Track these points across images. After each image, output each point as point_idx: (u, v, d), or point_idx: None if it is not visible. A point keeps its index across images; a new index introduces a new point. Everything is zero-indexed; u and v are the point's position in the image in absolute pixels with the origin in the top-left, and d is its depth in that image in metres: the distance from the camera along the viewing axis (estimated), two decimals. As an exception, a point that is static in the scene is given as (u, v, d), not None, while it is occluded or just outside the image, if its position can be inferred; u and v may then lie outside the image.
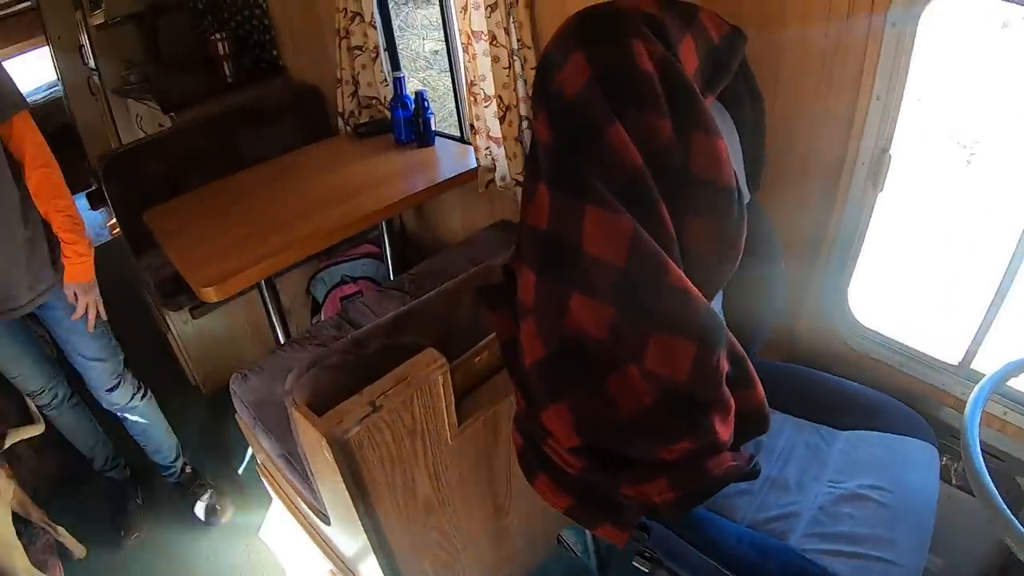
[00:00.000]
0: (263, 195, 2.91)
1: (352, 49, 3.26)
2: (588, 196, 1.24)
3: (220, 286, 2.30)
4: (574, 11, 1.30)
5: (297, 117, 3.92)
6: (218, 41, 4.39)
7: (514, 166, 2.58)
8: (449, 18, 2.92)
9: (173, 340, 3.51)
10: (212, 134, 3.73)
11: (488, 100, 2.59)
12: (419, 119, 3.03)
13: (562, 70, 1.29)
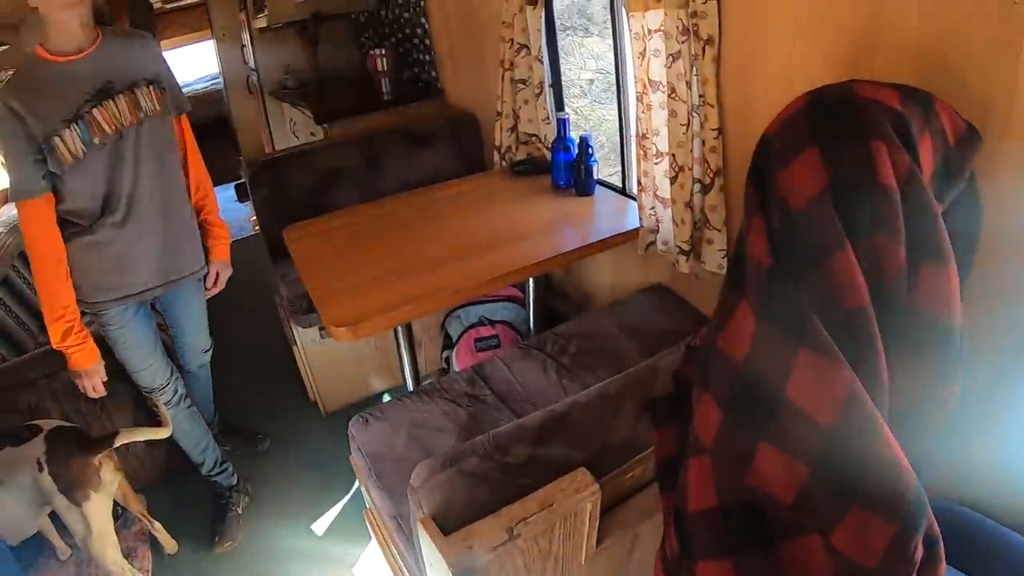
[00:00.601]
0: (408, 228, 2.84)
1: (515, 82, 3.17)
2: (803, 337, 1.07)
3: (353, 328, 2.21)
4: (773, 74, 1.12)
5: (451, 143, 3.89)
6: (378, 56, 4.42)
7: (680, 233, 2.40)
8: (623, 62, 2.78)
9: (298, 354, 3.52)
10: (363, 151, 3.75)
11: (660, 157, 2.42)
12: (581, 165, 2.89)
13: (788, 169, 1.12)
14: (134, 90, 2.28)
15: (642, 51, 2.32)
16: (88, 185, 2.27)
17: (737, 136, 2.21)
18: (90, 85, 2.19)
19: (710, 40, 2.11)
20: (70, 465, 2.39)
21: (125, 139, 2.27)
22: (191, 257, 2.65)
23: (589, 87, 4.00)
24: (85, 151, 2.19)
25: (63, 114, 2.15)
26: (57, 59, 2.16)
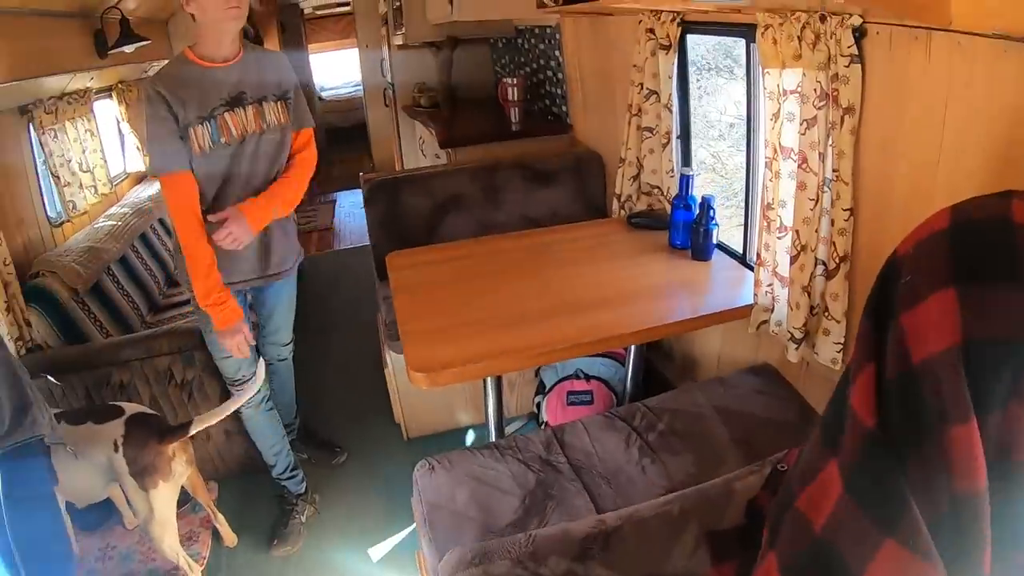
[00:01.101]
0: (514, 272, 2.80)
1: (642, 129, 3.06)
2: (895, 528, 0.90)
3: (433, 375, 2.15)
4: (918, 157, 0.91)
5: (573, 183, 3.83)
6: (509, 86, 4.41)
7: (794, 317, 2.22)
8: (755, 120, 2.62)
9: (389, 375, 3.50)
10: (483, 181, 3.75)
11: (783, 231, 2.25)
12: (700, 228, 2.74)
13: (915, 311, 0.92)
14: (262, 103, 2.59)
15: (775, 112, 2.18)
16: (207, 178, 2.55)
17: (870, 221, 2.03)
18: (226, 92, 2.50)
19: (850, 109, 1.94)
20: (145, 451, 2.54)
21: (246, 143, 2.56)
22: (288, 254, 2.92)
23: (729, 131, 3.84)
24: (211, 147, 2.48)
25: (199, 112, 2.44)
26: (202, 63, 2.48)
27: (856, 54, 1.88)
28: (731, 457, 2.18)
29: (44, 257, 3.81)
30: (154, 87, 2.41)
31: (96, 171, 4.64)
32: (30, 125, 3.95)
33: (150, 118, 2.44)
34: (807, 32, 1.97)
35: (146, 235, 4.72)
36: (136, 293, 4.28)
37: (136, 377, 3.14)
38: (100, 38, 4.23)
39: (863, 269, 2.08)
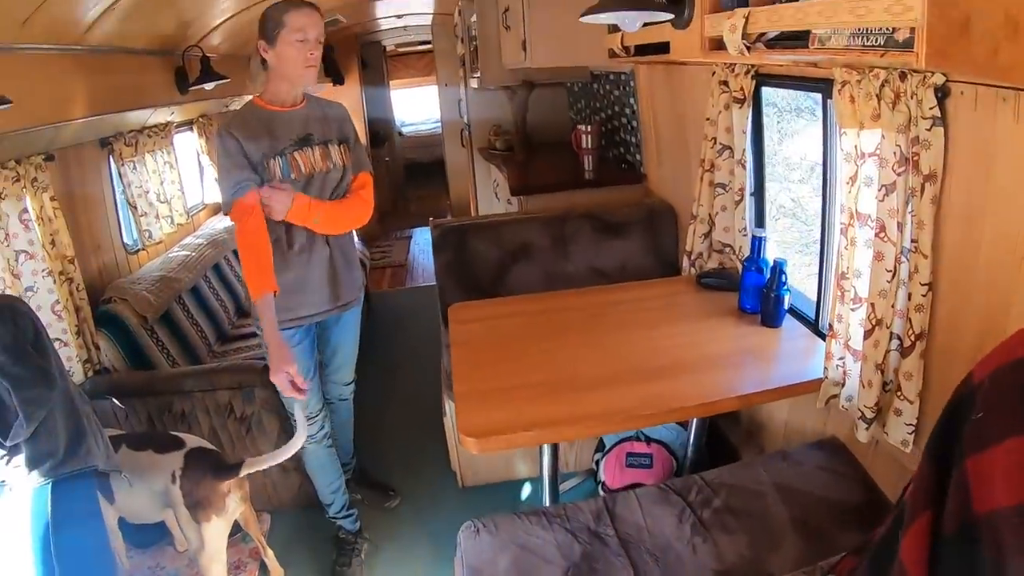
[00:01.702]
0: (577, 332, 2.73)
1: (714, 185, 2.98)
2: None
3: (483, 441, 2.10)
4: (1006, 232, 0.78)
5: (644, 235, 3.77)
6: (583, 133, 4.39)
7: (865, 396, 2.11)
8: (831, 183, 2.53)
9: (447, 423, 3.49)
10: (553, 230, 3.74)
11: (857, 303, 2.14)
12: (771, 293, 2.63)
13: (983, 455, 0.81)
14: (327, 145, 2.79)
15: (852, 175, 2.07)
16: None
17: (950, 295, 1.90)
18: (295, 132, 2.72)
19: (931, 176, 1.83)
20: (201, 486, 2.61)
21: (313, 180, 2.74)
22: (354, 286, 3.04)
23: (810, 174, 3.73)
24: (282, 182, 2.66)
25: (272, 149, 2.65)
26: (272, 108, 2.71)
27: (939, 116, 1.77)
28: (788, 540, 2.06)
29: (117, 283, 3.91)
30: (227, 129, 2.63)
31: (173, 202, 4.76)
32: (110, 157, 4.07)
33: (221, 156, 2.63)
34: (886, 91, 1.87)
35: (219, 266, 4.82)
36: (205, 323, 4.35)
37: (197, 408, 3.21)
38: (181, 74, 4.37)
39: (941, 348, 1.96)
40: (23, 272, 3.11)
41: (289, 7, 2.61)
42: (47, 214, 3.21)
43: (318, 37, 2.64)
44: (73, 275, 3.35)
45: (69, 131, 3.41)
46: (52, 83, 3.01)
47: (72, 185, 3.69)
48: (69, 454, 2.16)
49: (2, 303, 2.15)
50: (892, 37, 1.52)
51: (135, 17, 3.41)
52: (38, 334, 2.20)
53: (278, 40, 2.61)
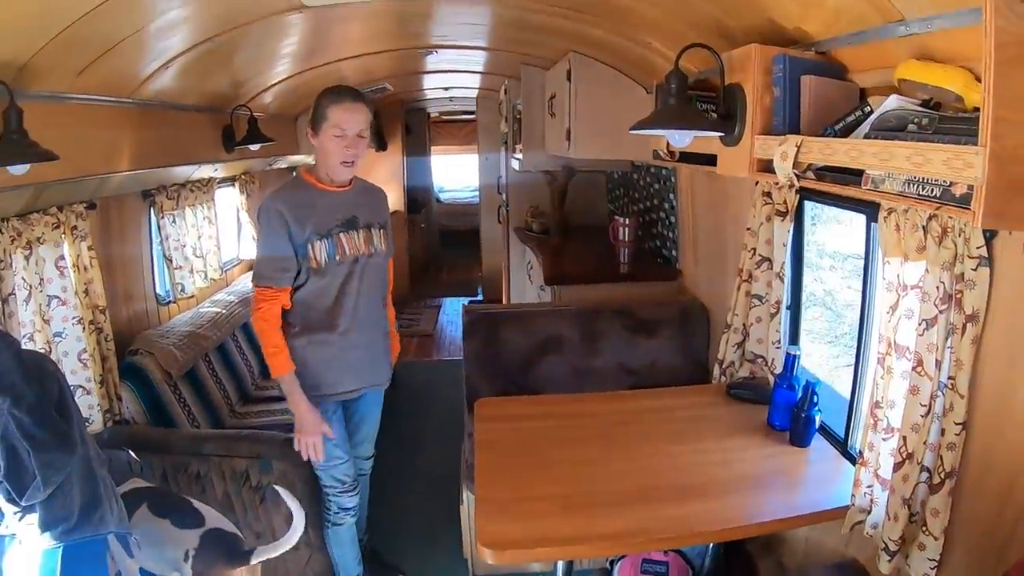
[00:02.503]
0: (600, 442, 2.71)
1: (751, 296, 2.98)
2: None
3: (500, 553, 2.11)
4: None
5: (676, 336, 3.77)
6: (620, 225, 4.44)
7: (890, 529, 2.07)
8: (869, 304, 2.53)
9: (463, 510, 3.45)
10: (584, 324, 3.74)
11: (889, 433, 2.11)
12: (801, 412, 2.61)
13: None
14: (371, 229, 2.89)
15: (893, 305, 2.06)
16: (323, 290, 2.82)
17: (984, 436, 1.88)
18: (341, 215, 2.80)
19: (974, 316, 1.82)
20: (212, 570, 2.60)
21: (357, 264, 2.83)
22: (385, 369, 3.14)
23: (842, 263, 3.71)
24: (327, 262, 2.76)
25: (318, 229, 2.73)
26: (321, 186, 2.80)
27: (985, 256, 1.77)
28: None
29: (145, 335, 3.95)
30: (274, 204, 2.72)
31: (209, 257, 4.82)
32: (151, 209, 4.15)
33: (266, 229, 2.73)
34: (933, 224, 1.87)
35: (248, 325, 4.84)
36: (229, 382, 4.37)
37: (213, 471, 3.20)
38: (228, 132, 4.46)
39: (971, 486, 1.93)
40: (53, 317, 3.16)
41: (333, 100, 2.70)
42: (83, 262, 3.27)
43: (359, 132, 2.73)
44: (103, 325, 3.40)
45: (113, 181, 3.49)
46: (101, 134, 3.09)
47: (111, 233, 3.77)
48: (82, 520, 2.16)
49: (31, 363, 2.17)
50: (948, 190, 1.52)
51: (189, 74, 3.51)
52: (63, 396, 2.22)
53: (320, 131, 2.71)
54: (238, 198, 5.46)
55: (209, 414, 4.02)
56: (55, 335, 3.15)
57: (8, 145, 2.25)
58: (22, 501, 2.06)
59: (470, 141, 10.59)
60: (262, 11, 3.12)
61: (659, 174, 4.55)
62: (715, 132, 2.34)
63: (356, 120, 2.70)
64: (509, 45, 4.73)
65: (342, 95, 2.72)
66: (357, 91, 2.82)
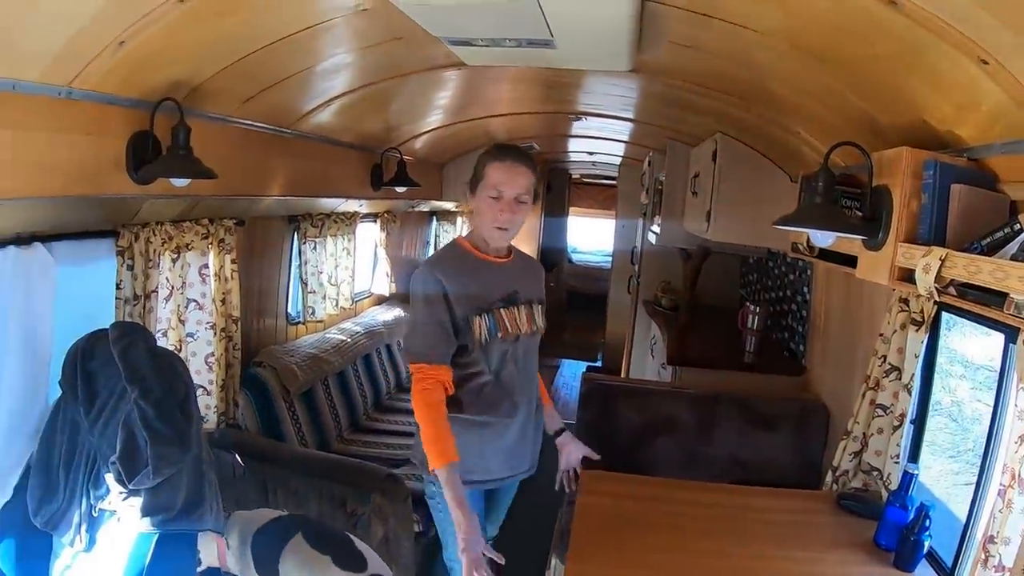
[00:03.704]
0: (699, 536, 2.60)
1: (875, 405, 2.84)
2: None
3: None
4: None
5: (793, 433, 3.63)
6: (751, 313, 4.33)
7: None
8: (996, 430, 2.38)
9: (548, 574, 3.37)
10: (701, 410, 3.66)
11: (1000, 571, 1.97)
12: (911, 535, 2.46)
13: None
14: (531, 305, 2.66)
15: (1022, 436, 1.93)
16: (480, 371, 2.56)
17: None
18: (502, 289, 2.58)
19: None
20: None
21: (518, 343, 2.61)
22: (535, 453, 2.83)
23: (974, 373, 3.52)
24: (488, 340, 2.51)
25: (479, 304, 2.50)
26: (480, 255, 2.59)
27: None
28: None
29: (271, 350, 4.13)
30: (432, 273, 2.49)
31: (342, 286, 5.00)
32: (295, 233, 4.34)
33: (424, 302, 2.47)
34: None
35: (369, 357, 5.01)
36: (343, 408, 4.50)
37: (312, 491, 3.27)
38: (377, 172, 4.63)
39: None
40: (188, 319, 3.35)
41: (494, 158, 2.50)
42: (225, 273, 3.46)
43: (518, 196, 2.48)
44: (234, 334, 3.57)
45: (263, 203, 3.69)
46: (258, 159, 3.27)
47: (254, 250, 3.99)
48: (183, 513, 2.25)
49: (163, 360, 2.31)
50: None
51: (347, 114, 3.68)
52: (187, 397, 2.34)
53: (477, 191, 2.52)
54: (378, 234, 5.65)
55: (318, 435, 4.14)
56: (187, 335, 3.33)
57: (174, 159, 2.42)
58: (130, 484, 2.17)
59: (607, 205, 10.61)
60: (424, 64, 3.24)
61: (795, 265, 4.46)
62: (859, 236, 2.28)
63: (516, 183, 2.46)
64: (657, 119, 4.77)
65: (505, 153, 2.50)
66: (524, 151, 2.59)
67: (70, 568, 2.35)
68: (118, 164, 2.35)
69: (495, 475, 2.69)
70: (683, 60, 2.93)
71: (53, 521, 2.33)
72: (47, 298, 2.51)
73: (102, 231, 2.79)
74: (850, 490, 2.99)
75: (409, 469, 3.86)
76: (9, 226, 2.36)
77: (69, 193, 2.22)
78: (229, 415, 3.61)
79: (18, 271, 2.37)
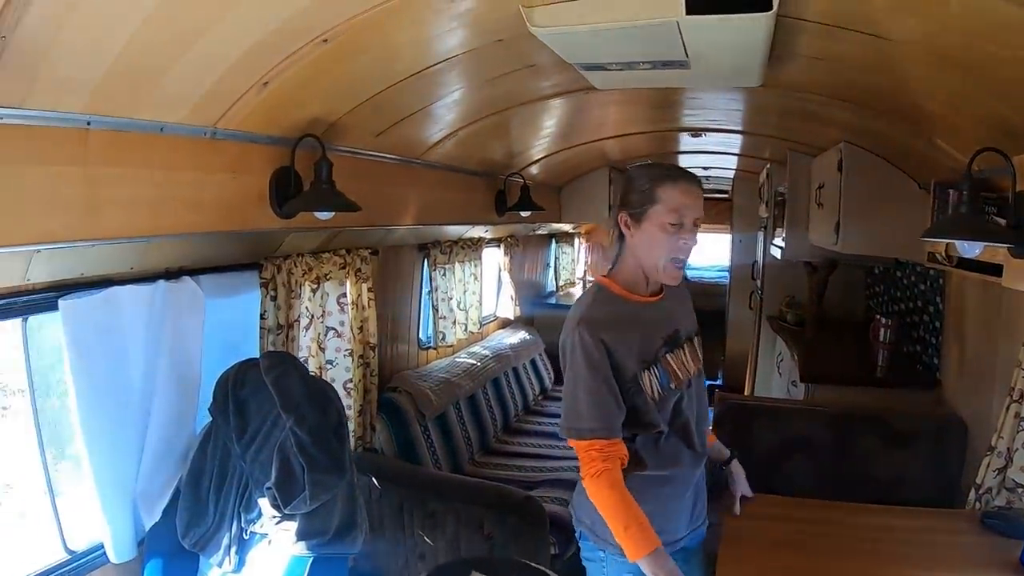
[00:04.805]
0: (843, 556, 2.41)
1: (1020, 418, 2.61)
2: None
3: None
4: None
5: (930, 450, 3.39)
6: (882, 326, 4.09)
7: None
8: None
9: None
10: (836, 429, 3.46)
11: None
12: (1059, 554, 2.23)
13: None
14: (692, 340, 2.24)
15: None
16: (655, 426, 2.11)
17: None
18: (663, 331, 2.13)
19: None
20: None
21: (690, 388, 2.18)
22: (704, 503, 2.38)
23: None
24: (660, 394, 2.08)
25: (644, 356, 2.07)
26: (633, 298, 2.10)
27: None
28: None
29: (404, 375, 4.16)
30: (592, 333, 2.01)
31: (470, 311, 5.02)
32: (425, 261, 4.36)
33: (587, 368, 2.00)
34: None
35: (498, 380, 4.99)
36: (474, 431, 4.48)
37: (449, 513, 3.21)
38: (501, 197, 4.60)
39: None
40: (328, 347, 3.39)
41: (667, 177, 2.04)
42: (362, 302, 3.49)
43: (697, 221, 2.06)
44: (371, 361, 3.59)
45: (396, 233, 3.71)
46: (391, 190, 3.28)
47: (387, 279, 4.02)
48: (336, 538, 2.27)
49: (316, 388, 2.32)
50: None
51: (471, 142, 3.66)
52: (340, 423, 2.36)
53: (646, 218, 2.03)
54: (502, 258, 5.64)
55: (451, 458, 4.14)
56: (327, 362, 3.38)
57: (318, 193, 2.43)
58: (286, 509, 2.18)
59: (720, 220, 10.28)
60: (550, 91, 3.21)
61: (926, 274, 4.18)
62: (1007, 244, 2.09)
63: (698, 204, 2.05)
64: (778, 132, 4.58)
65: (676, 173, 2.07)
66: (690, 173, 2.12)
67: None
68: (261, 199, 2.39)
69: (681, 534, 2.23)
70: (814, 72, 2.80)
71: (202, 542, 2.37)
72: (197, 329, 2.56)
73: (245, 264, 2.85)
74: (994, 508, 2.76)
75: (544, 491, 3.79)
76: (159, 261, 2.43)
77: (217, 229, 2.26)
78: (366, 440, 3.63)
79: (168, 303, 2.42)
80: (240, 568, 2.37)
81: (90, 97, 1.70)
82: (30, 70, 1.50)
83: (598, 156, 5.49)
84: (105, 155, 1.82)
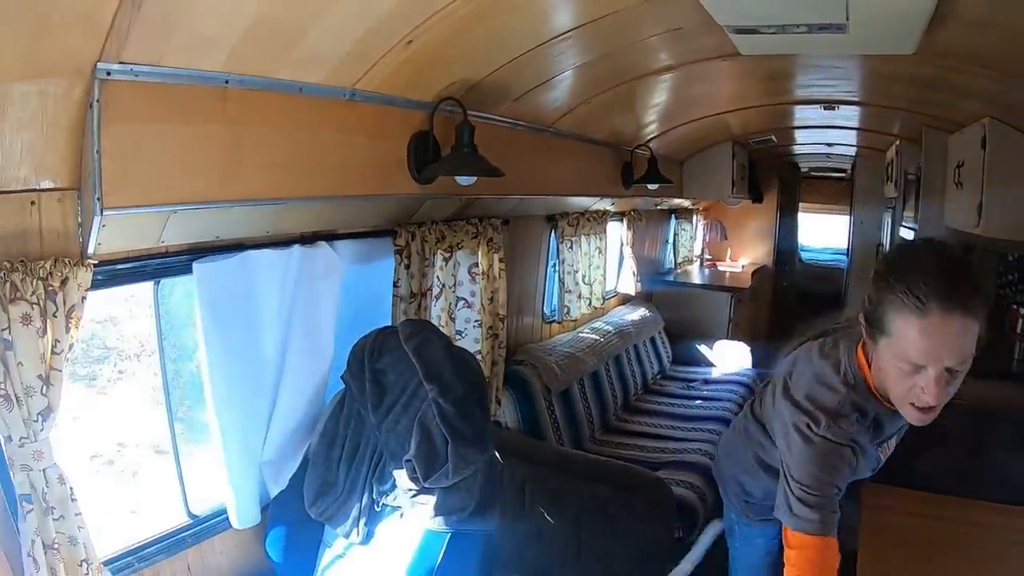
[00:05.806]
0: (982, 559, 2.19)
1: None
2: None
3: None
4: None
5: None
6: (1021, 317, 3.63)
7: None
8: None
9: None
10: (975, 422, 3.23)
11: None
12: None
13: None
14: (895, 435, 1.83)
15: None
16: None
17: None
18: (889, 431, 1.75)
19: None
20: None
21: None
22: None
23: None
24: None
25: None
26: (886, 405, 1.61)
27: None
28: None
29: (530, 348, 3.98)
30: (843, 435, 1.60)
31: (594, 286, 4.78)
32: (553, 232, 4.14)
33: (826, 468, 1.60)
34: None
35: (620, 357, 4.76)
36: (596, 408, 4.27)
37: (571, 490, 2.99)
38: (627, 170, 4.35)
39: None
40: (458, 317, 3.21)
41: (908, 307, 1.37)
42: (493, 272, 3.31)
43: (953, 367, 1.45)
44: (499, 332, 3.41)
45: (526, 202, 3.52)
46: (524, 158, 3.07)
47: (515, 250, 3.80)
48: (475, 514, 2.10)
49: (460, 357, 2.17)
50: None
51: (599, 113, 3.46)
52: (484, 395, 2.20)
53: (879, 343, 1.47)
54: (624, 233, 5.36)
55: (573, 435, 3.93)
56: (456, 332, 3.21)
57: (460, 157, 2.27)
58: (426, 483, 2.04)
59: (836, 200, 9.68)
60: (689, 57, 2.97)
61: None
62: None
63: (951, 350, 1.42)
64: (914, 105, 4.14)
65: (928, 302, 1.36)
66: (964, 287, 1.39)
67: (342, 557, 2.25)
68: (400, 164, 2.25)
69: None
70: (970, 39, 2.48)
71: (329, 512, 2.25)
72: (331, 295, 2.44)
73: (380, 230, 2.69)
74: None
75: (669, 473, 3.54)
76: (294, 225, 2.30)
77: (356, 193, 2.14)
78: (491, 412, 3.44)
79: (303, 268, 2.30)
80: (368, 540, 2.23)
81: (228, 56, 1.58)
82: (167, 28, 1.40)
83: (722, 129, 5.20)
84: (243, 115, 1.70)
